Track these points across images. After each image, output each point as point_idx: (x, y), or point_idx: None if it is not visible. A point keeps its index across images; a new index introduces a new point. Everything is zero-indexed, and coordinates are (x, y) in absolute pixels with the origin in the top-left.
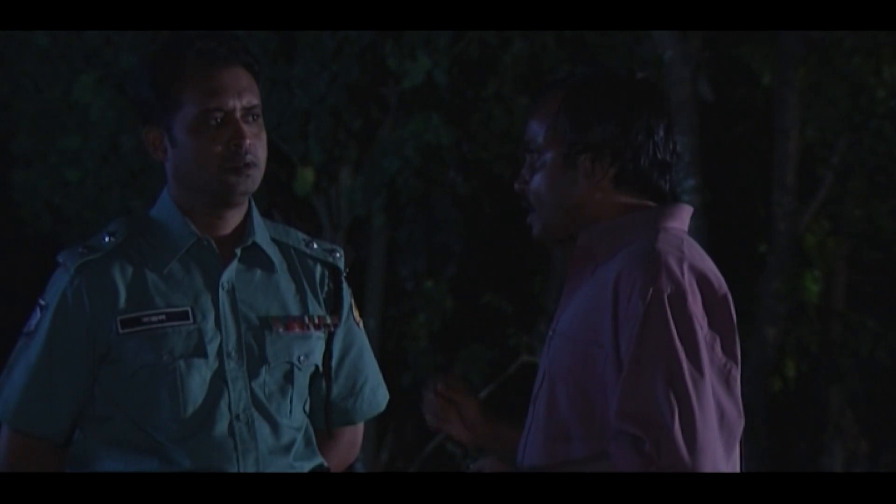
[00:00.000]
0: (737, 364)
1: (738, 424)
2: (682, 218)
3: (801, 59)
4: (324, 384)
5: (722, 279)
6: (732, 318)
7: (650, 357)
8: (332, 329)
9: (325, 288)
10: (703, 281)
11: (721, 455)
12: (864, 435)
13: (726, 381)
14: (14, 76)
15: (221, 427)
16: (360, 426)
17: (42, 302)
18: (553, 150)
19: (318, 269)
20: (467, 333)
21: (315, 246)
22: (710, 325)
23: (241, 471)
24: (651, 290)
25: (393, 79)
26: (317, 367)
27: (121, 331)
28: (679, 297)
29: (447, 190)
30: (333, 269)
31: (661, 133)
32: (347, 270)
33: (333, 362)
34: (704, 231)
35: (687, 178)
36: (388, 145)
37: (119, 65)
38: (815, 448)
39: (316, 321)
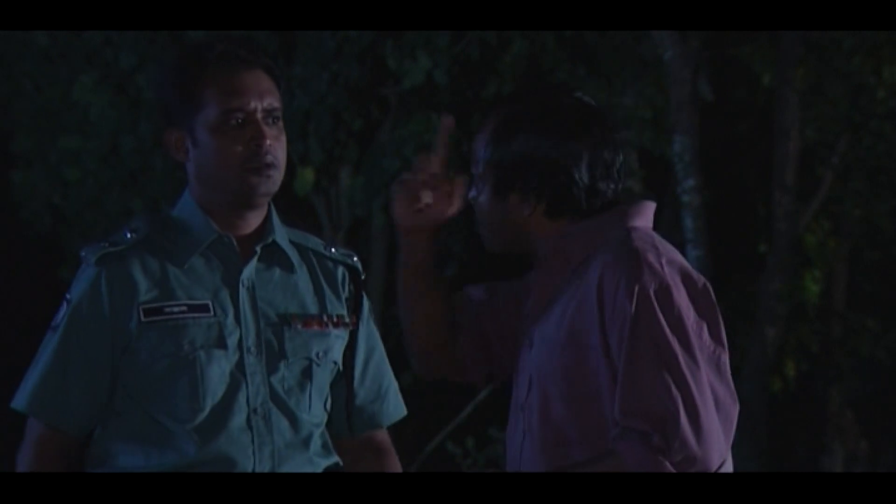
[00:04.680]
0: (725, 349)
1: (734, 409)
2: (648, 216)
3: (801, 59)
4: (344, 386)
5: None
6: (715, 305)
7: (645, 352)
8: (352, 328)
9: (348, 288)
10: (682, 273)
11: (723, 440)
12: (864, 435)
13: (717, 367)
14: (14, 76)
15: (239, 420)
16: (386, 433)
17: (67, 296)
18: (486, 179)
19: (340, 270)
20: None
21: (333, 250)
22: (696, 313)
23: (257, 464)
24: (637, 288)
25: (393, 79)
26: (336, 364)
27: (143, 319)
28: (664, 291)
29: None
30: (354, 271)
31: (590, 158)
32: (364, 275)
33: (359, 365)
34: (704, 231)
35: (687, 178)
36: (388, 145)
37: (119, 65)
38: (815, 448)
39: (335, 320)
